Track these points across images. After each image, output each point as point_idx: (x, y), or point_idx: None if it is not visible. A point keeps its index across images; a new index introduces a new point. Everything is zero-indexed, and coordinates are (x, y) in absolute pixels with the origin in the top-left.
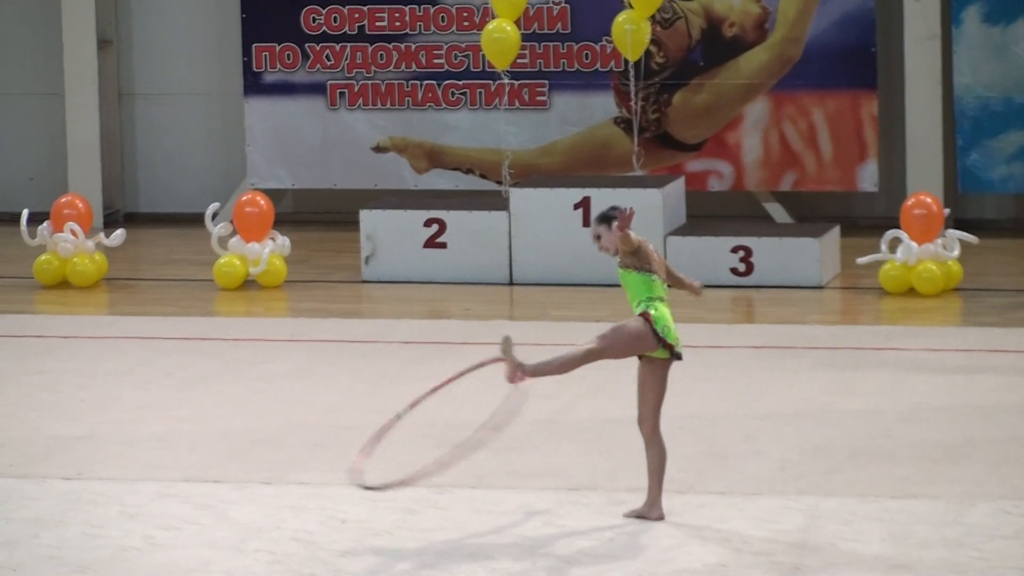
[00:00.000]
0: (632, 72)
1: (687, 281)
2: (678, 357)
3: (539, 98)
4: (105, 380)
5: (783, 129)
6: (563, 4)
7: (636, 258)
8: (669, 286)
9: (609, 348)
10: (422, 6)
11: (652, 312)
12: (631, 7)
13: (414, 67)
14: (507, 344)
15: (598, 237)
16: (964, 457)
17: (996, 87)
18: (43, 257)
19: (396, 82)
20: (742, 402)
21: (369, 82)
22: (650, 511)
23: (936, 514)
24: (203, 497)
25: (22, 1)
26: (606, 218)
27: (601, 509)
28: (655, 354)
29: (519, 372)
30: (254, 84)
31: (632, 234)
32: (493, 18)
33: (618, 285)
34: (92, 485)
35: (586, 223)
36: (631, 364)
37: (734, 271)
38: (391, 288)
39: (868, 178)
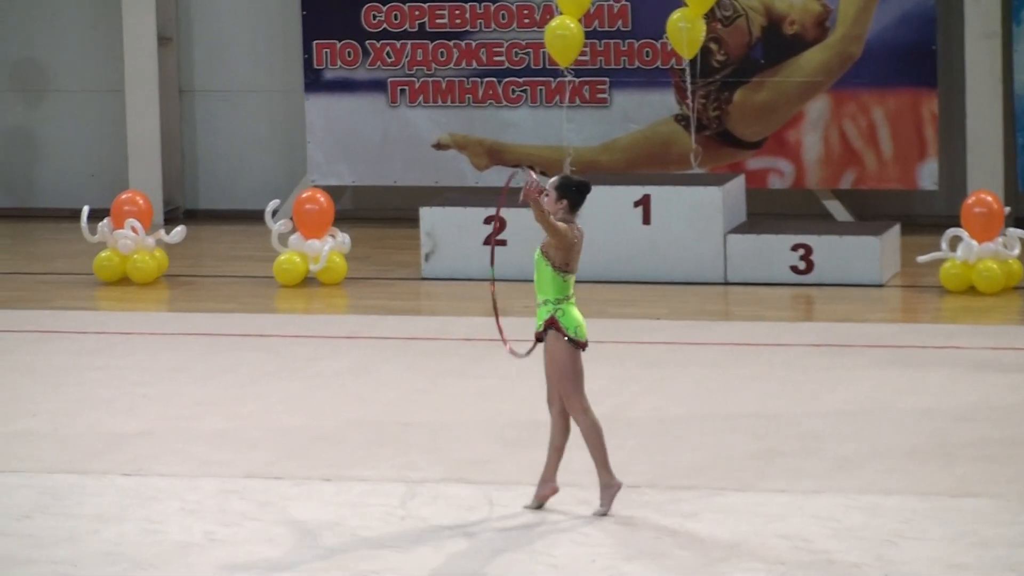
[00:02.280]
0: (690, 70)
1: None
2: (585, 345)
3: (600, 95)
4: (165, 376)
5: (843, 127)
6: (624, 2)
7: (563, 254)
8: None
9: (578, 380)
10: (483, 3)
11: (560, 319)
12: (686, 5)
13: (475, 64)
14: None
15: (547, 195)
16: (1023, 456)
17: None
18: (103, 254)
19: (457, 79)
20: (801, 400)
21: (430, 79)
22: (544, 487)
23: (995, 513)
24: (263, 494)
25: None
26: (561, 188)
27: (659, 507)
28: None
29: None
30: (314, 81)
31: (572, 229)
32: (555, 15)
33: (678, 283)
34: (152, 481)
35: (646, 220)
36: (689, 362)
37: (794, 269)
38: (451, 285)
39: (928, 176)
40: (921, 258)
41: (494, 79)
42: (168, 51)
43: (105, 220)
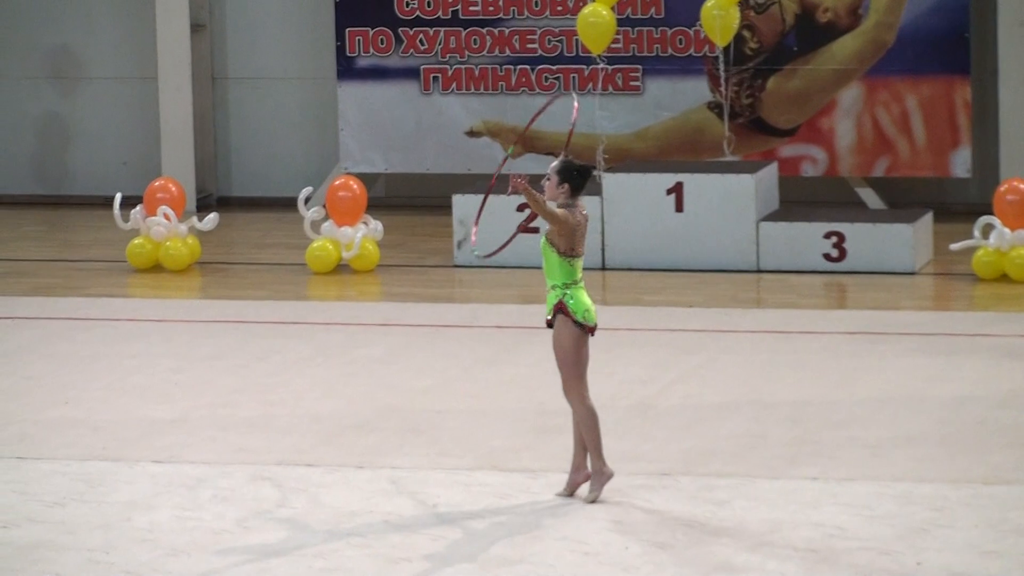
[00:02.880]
0: (723, 57)
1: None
2: (594, 329)
3: (632, 83)
4: (198, 364)
5: (876, 115)
6: None
7: (566, 239)
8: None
9: (580, 368)
10: None
11: (569, 303)
12: None
13: (508, 52)
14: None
15: (548, 180)
16: None
17: None
18: (136, 241)
19: (490, 66)
20: (834, 388)
21: (463, 66)
22: (600, 476)
23: None
24: (296, 481)
25: None
26: (562, 172)
27: (694, 494)
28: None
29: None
30: (347, 68)
31: (575, 213)
32: (588, 2)
33: (710, 270)
34: (185, 469)
35: (679, 208)
36: (722, 350)
37: (827, 257)
38: (483, 272)
39: (961, 164)
40: (954, 246)
41: (527, 66)
42: (201, 38)
43: (138, 207)
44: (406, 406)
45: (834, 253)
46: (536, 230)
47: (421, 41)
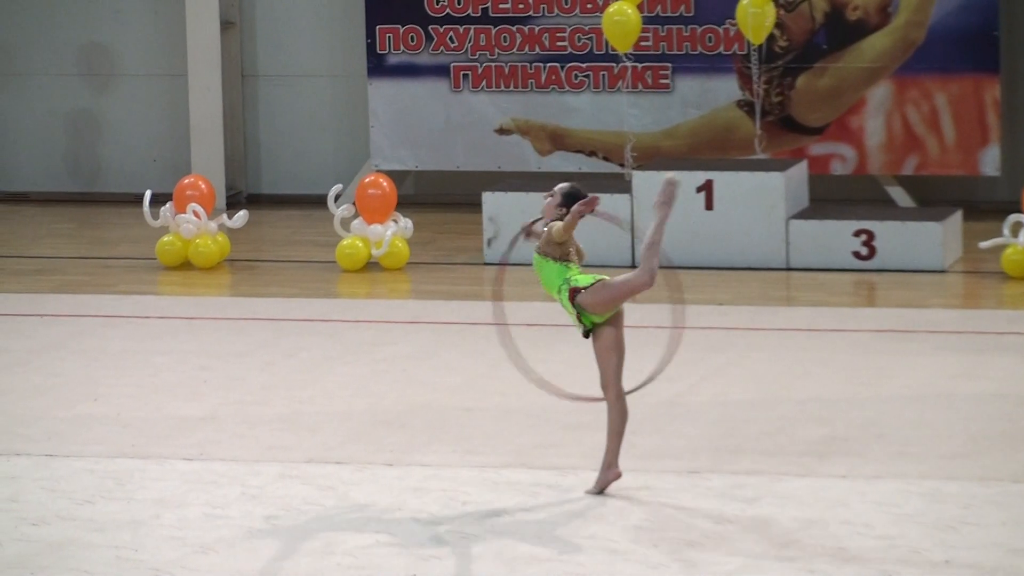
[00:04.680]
0: (755, 55)
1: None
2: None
3: (662, 81)
4: (227, 361)
5: (906, 113)
6: None
7: (560, 247)
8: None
9: (620, 360)
10: None
11: (577, 283)
12: None
13: (537, 49)
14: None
15: (550, 197)
16: None
17: None
18: (166, 238)
19: (519, 64)
20: (863, 385)
21: (492, 64)
22: (608, 472)
23: None
24: (325, 478)
25: None
26: (567, 196)
27: (722, 492)
28: (602, 318)
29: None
30: (378, 66)
31: (571, 223)
32: (615, 0)
33: (740, 268)
34: (214, 466)
35: (709, 206)
36: (751, 348)
37: (856, 255)
38: (514, 270)
39: (990, 162)
40: (983, 244)
41: (557, 64)
42: (231, 35)
43: (167, 204)
44: (435, 403)
45: (864, 251)
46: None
47: (451, 39)
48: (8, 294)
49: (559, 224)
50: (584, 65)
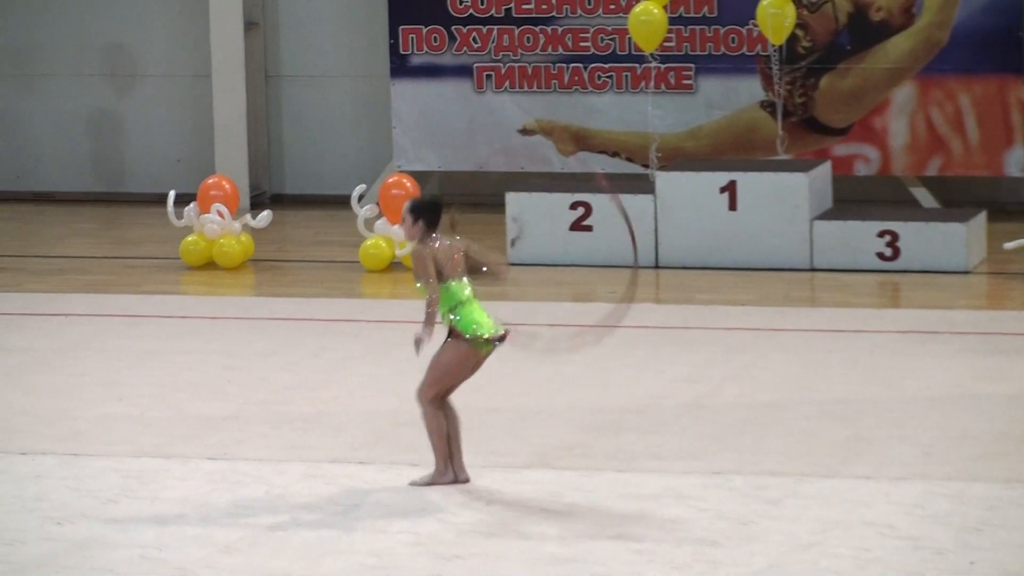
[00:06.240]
0: (776, 56)
1: (491, 264)
2: (500, 340)
3: (685, 81)
4: (251, 361)
5: (929, 114)
6: None
7: (421, 274)
8: (473, 277)
9: (444, 379)
10: None
11: (457, 323)
12: None
13: (560, 50)
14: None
15: (403, 221)
16: None
17: None
18: (190, 238)
19: (543, 65)
20: (887, 387)
21: (516, 65)
22: (440, 477)
23: None
24: (348, 478)
25: None
26: (413, 210)
27: (746, 493)
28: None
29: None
30: (401, 66)
31: (422, 249)
32: (640, 1)
33: (764, 269)
34: (238, 465)
35: (732, 207)
36: (775, 349)
37: (880, 256)
38: (537, 271)
39: (1015, 163)
40: (1008, 245)
41: (580, 65)
42: (255, 36)
43: (192, 204)
44: (458, 404)
45: (887, 252)
46: (591, 228)
47: (474, 39)
48: (33, 294)
49: (414, 250)
50: (607, 66)
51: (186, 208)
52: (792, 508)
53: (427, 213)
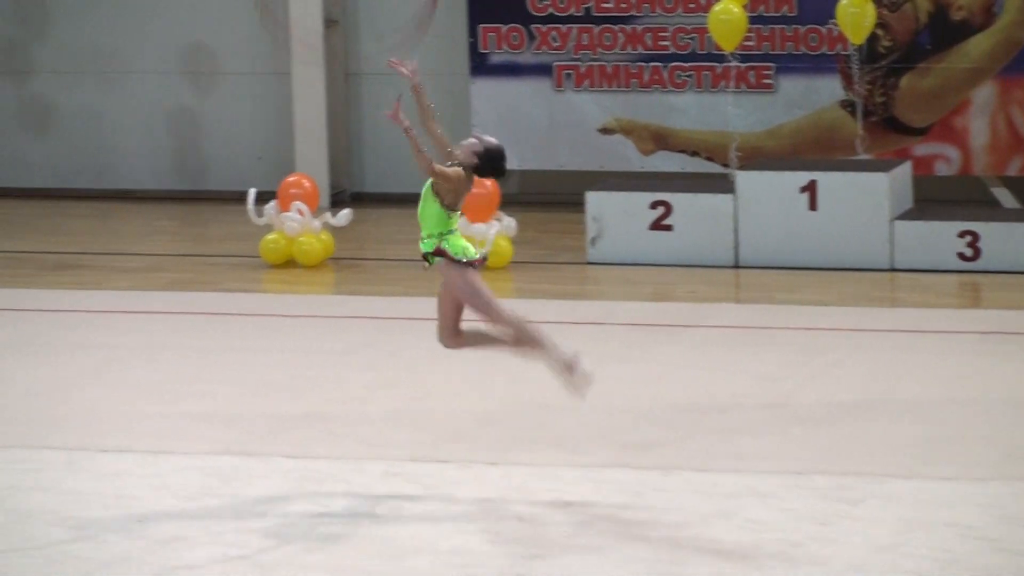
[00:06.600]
0: (856, 55)
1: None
2: (483, 261)
3: (765, 81)
4: (331, 359)
5: (1010, 114)
6: None
7: (453, 196)
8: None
9: (487, 297)
10: None
11: (446, 246)
12: None
13: (640, 49)
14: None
15: (476, 139)
16: None
17: None
18: (270, 236)
19: (622, 64)
20: (968, 387)
21: (595, 63)
22: (567, 370)
23: None
24: (429, 477)
25: None
26: (491, 161)
27: (827, 493)
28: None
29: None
30: (480, 65)
31: (461, 181)
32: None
33: (844, 269)
34: (318, 464)
35: (812, 206)
36: (855, 349)
37: (961, 256)
38: (616, 270)
39: None
40: None
41: (659, 64)
42: (334, 33)
43: (272, 203)
44: (538, 402)
45: (968, 252)
46: (671, 227)
47: (554, 38)
48: (113, 291)
49: (449, 171)
50: (687, 65)
51: (266, 206)
52: (873, 509)
53: (487, 170)
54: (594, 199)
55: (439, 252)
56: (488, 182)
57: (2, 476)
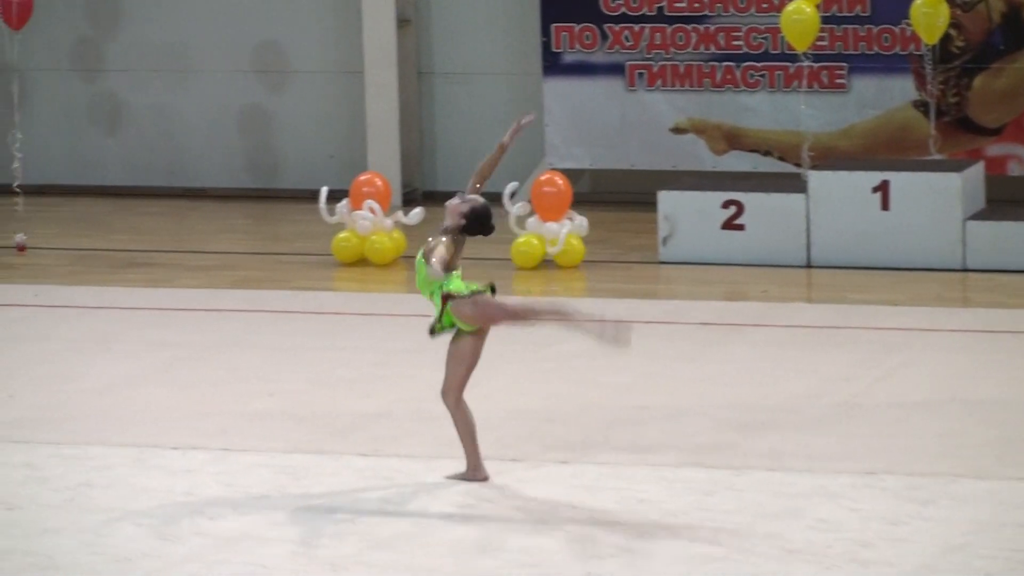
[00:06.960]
0: (929, 55)
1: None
2: (493, 293)
3: (838, 80)
4: (402, 358)
5: None
6: None
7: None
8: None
9: (465, 373)
10: None
11: (450, 288)
12: None
13: (713, 48)
14: None
15: (459, 199)
16: None
17: None
18: (342, 235)
19: (695, 63)
20: None
21: (668, 63)
22: (475, 474)
23: None
24: (499, 475)
25: None
26: (476, 221)
27: (898, 493)
28: (469, 328)
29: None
30: (553, 64)
31: (443, 253)
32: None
33: (917, 269)
34: (389, 462)
35: (885, 206)
36: (927, 349)
37: None
38: (688, 269)
39: None
40: None
41: (732, 63)
42: (407, 33)
43: (344, 201)
44: (607, 402)
45: None
46: (743, 227)
47: (626, 37)
48: (185, 289)
49: (442, 250)
50: (760, 64)
51: (338, 204)
52: (944, 509)
53: (476, 228)
54: (666, 198)
55: (445, 297)
56: (559, 179)
57: (75, 473)
